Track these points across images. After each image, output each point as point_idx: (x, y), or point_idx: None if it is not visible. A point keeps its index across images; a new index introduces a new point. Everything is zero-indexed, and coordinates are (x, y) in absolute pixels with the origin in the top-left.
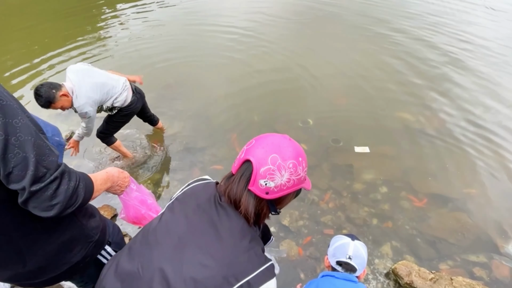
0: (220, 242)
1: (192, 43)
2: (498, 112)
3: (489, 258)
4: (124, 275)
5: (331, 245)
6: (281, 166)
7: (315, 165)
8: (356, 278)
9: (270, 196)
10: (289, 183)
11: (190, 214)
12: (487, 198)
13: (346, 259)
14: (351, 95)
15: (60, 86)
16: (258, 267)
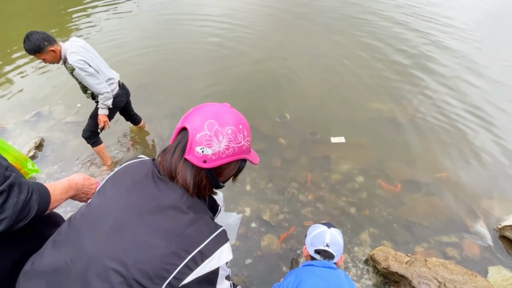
0: (164, 217)
1: (167, 37)
2: (466, 102)
3: (460, 238)
4: (49, 272)
5: (309, 235)
6: (218, 131)
7: (293, 158)
8: (334, 265)
9: (208, 164)
10: (229, 150)
11: (124, 193)
12: (457, 181)
13: (324, 247)
14: (327, 88)
15: (55, 42)
16: (209, 235)
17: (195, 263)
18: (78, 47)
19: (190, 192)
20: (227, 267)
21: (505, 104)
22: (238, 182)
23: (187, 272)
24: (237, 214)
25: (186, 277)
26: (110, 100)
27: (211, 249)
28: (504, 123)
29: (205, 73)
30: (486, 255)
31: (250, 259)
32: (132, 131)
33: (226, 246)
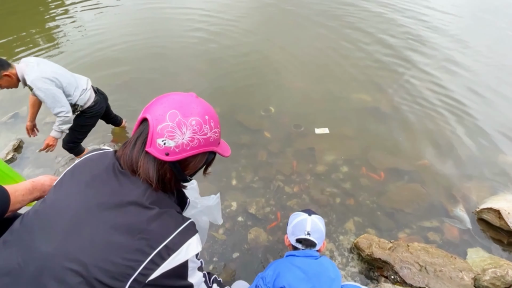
0: (125, 213)
1: (149, 30)
2: (447, 89)
3: (441, 222)
4: (0, 275)
5: (289, 224)
6: (181, 122)
7: (279, 151)
8: (317, 253)
9: (171, 157)
10: (193, 142)
11: (83, 188)
12: (437, 167)
13: (305, 235)
14: (311, 80)
15: (9, 66)
16: (175, 229)
17: (161, 258)
18: (35, 65)
19: (154, 186)
20: (197, 258)
21: (486, 91)
22: (224, 177)
23: (153, 267)
24: (215, 195)
25: (153, 272)
26: (67, 126)
27: (178, 242)
28: (484, 109)
29: (189, 67)
30: (466, 238)
31: (238, 253)
32: (115, 132)
33: (194, 239)
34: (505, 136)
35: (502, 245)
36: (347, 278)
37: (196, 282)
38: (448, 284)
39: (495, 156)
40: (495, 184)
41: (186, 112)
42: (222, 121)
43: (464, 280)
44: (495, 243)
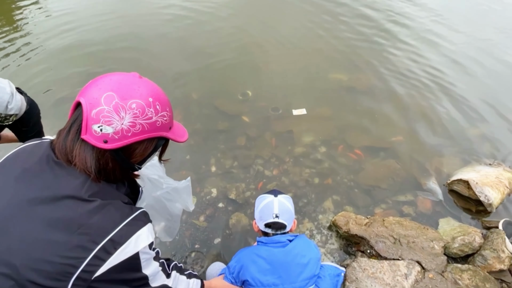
0: (61, 208)
1: (119, 9)
2: (425, 62)
3: (414, 196)
4: None
5: (256, 208)
6: (118, 106)
7: (257, 135)
8: (286, 238)
9: (110, 144)
10: (135, 128)
11: (12, 183)
12: (411, 143)
13: (273, 219)
14: (288, 62)
15: None
16: (121, 221)
17: (107, 253)
18: None
19: (93, 177)
20: (152, 249)
21: (465, 62)
22: (203, 164)
23: (99, 263)
24: (185, 180)
25: (99, 268)
26: None
27: (125, 235)
28: (460, 81)
29: (163, 50)
30: (438, 209)
31: (219, 238)
32: None
33: (145, 229)
34: (479, 108)
35: (471, 213)
36: (326, 255)
37: (151, 272)
38: (420, 254)
39: (467, 128)
40: (465, 156)
41: (125, 94)
42: (199, 108)
43: (434, 249)
44: (465, 212)
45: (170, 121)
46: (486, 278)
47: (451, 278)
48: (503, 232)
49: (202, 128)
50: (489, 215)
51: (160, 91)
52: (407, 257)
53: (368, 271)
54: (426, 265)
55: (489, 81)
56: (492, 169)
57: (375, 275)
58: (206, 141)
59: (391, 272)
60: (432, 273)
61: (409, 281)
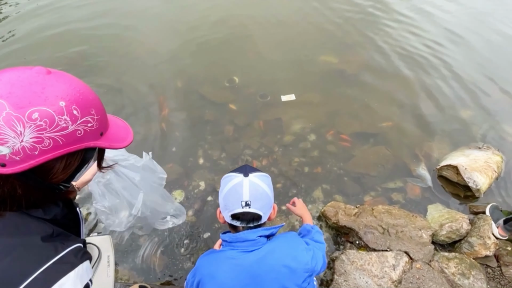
0: None
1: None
2: (415, 46)
3: (404, 182)
4: None
5: (221, 192)
6: (12, 118)
7: (245, 124)
8: (257, 238)
9: (11, 168)
10: (43, 144)
11: None
12: (401, 128)
13: (242, 208)
14: (276, 44)
15: None
16: (35, 269)
17: None
18: None
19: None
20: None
21: (455, 43)
22: (190, 156)
23: None
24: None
25: None
26: None
27: (42, 285)
28: (451, 63)
29: (143, 34)
30: (427, 195)
31: (209, 233)
32: None
33: (71, 276)
34: (472, 88)
35: (459, 198)
36: None
37: None
38: (408, 244)
39: (458, 110)
40: (455, 139)
41: (22, 101)
42: (184, 97)
43: (422, 238)
44: (453, 197)
45: (100, 126)
46: (471, 265)
47: (438, 267)
48: (490, 217)
49: (188, 118)
50: (477, 200)
51: (80, 89)
52: (395, 248)
53: (357, 263)
54: (414, 255)
55: (486, 55)
56: (481, 152)
57: (364, 267)
58: (192, 132)
59: (379, 263)
60: (420, 263)
61: (396, 272)
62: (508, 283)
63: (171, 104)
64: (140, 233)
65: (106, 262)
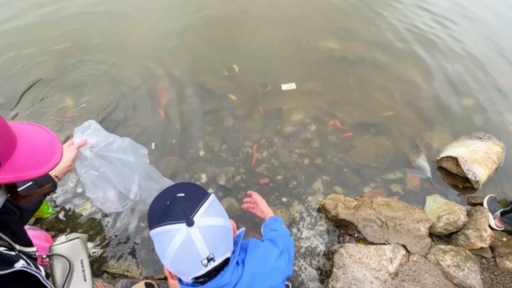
0: None
1: None
2: (418, 26)
3: (403, 173)
4: None
5: (161, 255)
6: None
7: (245, 115)
8: (235, 272)
9: None
10: None
11: None
12: (403, 116)
13: (207, 267)
14: (276, 29)
15: None
16: None
17: None
18: None
19: None
20: None
21: (460, 23)
22: (191, 148)
23: None
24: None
25: None
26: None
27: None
28: (460, 42)
29: (143, 18)
30: (426, 186)
31: None
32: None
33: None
34: (476, 74)
35: (458, 190)
36: (315, 237)
37: None
38: (405, 237)
39: (460, 98)
40: (456, 128)
41: None
42: (183, 87)
43: (420, 231)
44: (452, 188)
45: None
46: (467, 257)
47: (434, 260)
48: (487, 210)
49: (187, 109)
50: (475, 191)
51: None
52: (393, 241)
53: (355, 257)
54: (411, 248)
55: (498, 33)
56: (482, 143)
57: (362, 260)
58: (192, 123)
59: (377, 256)
60: (416, 256)
61: (393, 265)
62: (502, 273)
63: (170, 94)
64: (143, 225)
65: (80, 267)
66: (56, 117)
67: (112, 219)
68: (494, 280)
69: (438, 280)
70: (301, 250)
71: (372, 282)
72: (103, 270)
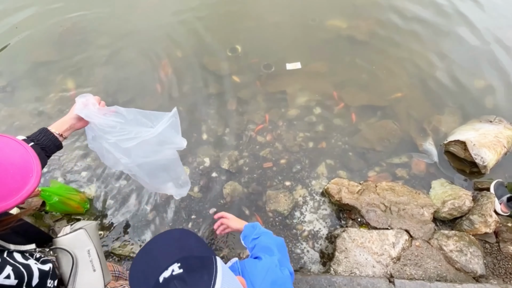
0: None
1: None
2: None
3: (409, 158)
4: None
5: None
6: None
7: (249, 97)
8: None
9: None
10: None
11: None
12: (411, 99)
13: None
14: (280, 6)
15: None
16: None
17: None
18: None
19: None
20: None
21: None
22: (194, 132)
23: None
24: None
25: None
26: None
27: None
28: (472, 19)
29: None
30: (432, 171)
31: (215, 208)
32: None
33: None
34: (488, 54)
35: (465, 174)
36: (318, 220)
37: None
38: (409, 222)
39: (472, 79)
40: (466, 111)
41: None
42: (185, 68)
43: (424, 216)
44: (459, 173)
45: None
46: (470, 242)
47: (436, 245)
48: (493, 195)
49: (190, 91)
50: (482, 176)
51: None
52: (396, 226)
53: (358, 241)
54: (414, 233)
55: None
56: (493, 126)
57: (364, 244)
58: (196, 106)
59: (379, 241)
60: (419, 241)
61: (396, 250)
62: (505, 258)
63: (172, 76)
64: (148, 208)
65: (88, 257)
66: (59, 100)
67: (118, 203)
68: (496, 265)
69: (440, 265)
70: (303, 234)
71: (374, 266)
72: (110, 252)
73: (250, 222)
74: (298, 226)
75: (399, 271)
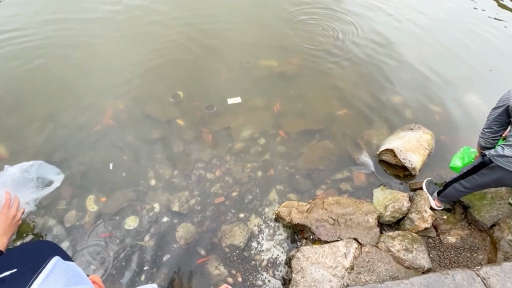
0: None
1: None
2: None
3: (350, 171)
4: None
5: None
6: None
7: (195, 138)
8: None
9: None
10: None
11: None
12: (342, 119)
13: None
14: (215, 54)
15: None
16: None
17: None
18: None
19: None
20: None
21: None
22: (141, 179)
23: None
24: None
25: None
26: None
27: None
28: (389, 47)
29: (79, 59)
30: (371, 180)
31: (168, 255)
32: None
33: None
34: (401, 74)
35: (400, 178)
36: (276, 246)
37: None
38: (356, 230)
39: (391, 97)
40: (390, 123)
41: None
42: (128, 118)
43: (369, 222)
44: (395, 178)
45: None
46: (413, 239)
47: (384, 247)
48: (425, 192)
49: (134, 140)
50: (414, 178)
51: None
52: (345, 236)
53: (312, 258)
54: (362, 240)
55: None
56: (414, 133)
57: (318, 260)
58: (141, 153)
59: (332, 254)
60: (368, 247)
61: (348, 259)
62: (447, 249)
63: (115, 128)
64: (93, 267)
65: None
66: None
67: None
68: (441, 257)
69: (390, 266)
70: (262, 263)
71: (331, 280)
72: None
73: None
74: (256, 257)
75: (355, 280)
